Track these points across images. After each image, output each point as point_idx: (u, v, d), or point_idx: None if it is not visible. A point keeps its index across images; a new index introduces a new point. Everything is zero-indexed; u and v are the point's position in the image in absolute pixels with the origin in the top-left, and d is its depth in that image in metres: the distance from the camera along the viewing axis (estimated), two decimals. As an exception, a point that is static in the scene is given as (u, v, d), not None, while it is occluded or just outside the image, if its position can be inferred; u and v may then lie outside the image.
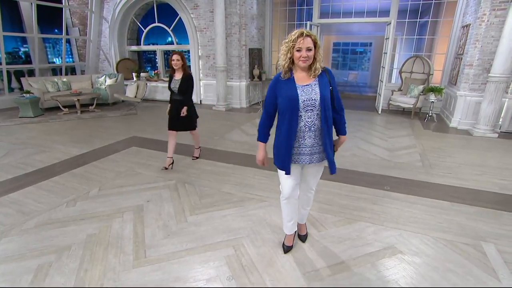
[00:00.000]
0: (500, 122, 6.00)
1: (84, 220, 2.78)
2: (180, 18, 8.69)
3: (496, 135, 5.71)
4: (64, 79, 8.46)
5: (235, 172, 3.96)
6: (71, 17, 10.48)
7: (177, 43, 9.44)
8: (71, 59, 11.44)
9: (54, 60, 12.10)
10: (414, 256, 2.32)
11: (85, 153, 4.66)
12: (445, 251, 2.39)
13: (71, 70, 10.94)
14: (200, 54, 8.71)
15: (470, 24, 6.19)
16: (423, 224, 2.76)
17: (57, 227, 2.66)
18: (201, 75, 8.89)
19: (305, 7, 9.33)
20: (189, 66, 8.97)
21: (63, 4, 9.28)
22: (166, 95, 9.44)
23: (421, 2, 7.97)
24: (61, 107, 7.44)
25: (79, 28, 10.50)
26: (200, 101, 9.14)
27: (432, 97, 6.78)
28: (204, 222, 2.78)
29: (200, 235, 2.59)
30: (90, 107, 7.84)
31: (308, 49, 1.86)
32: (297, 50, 1.87)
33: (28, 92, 7.09)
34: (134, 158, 4.45)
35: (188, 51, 9.06)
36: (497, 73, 5.41)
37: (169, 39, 9.82)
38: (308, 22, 8.02)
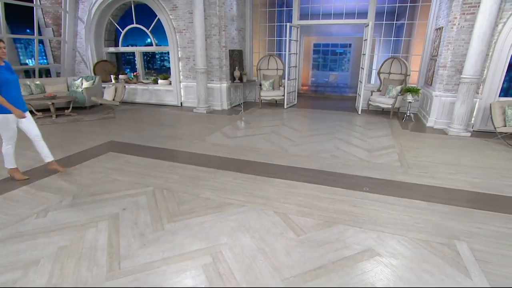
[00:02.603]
0: (472, 122, 6.22)
1: (55, 231, 2.66)
2: (158, 19, 8.54)
3: (469, 134, 5.92)
4: (38, 82, 8.13)
5: (215, 176, 3.91)
6: (43, 17, 10.08)
7: (156, 45, 9.27)
8: (45, 61, 11.01)
9: (27, 61, 11.61)
10: (391, 258, 2.35)
11: (59, 159, 4.46)
12: (421, 252, 2.43)
13: (46, 72, 10.54)
14: (179, 55, 8.58)
15: (442, 27, 6.39)
16: (400, 225, 2.80)
17: (25, 240, 2.52)
18: (181, 77, 8.76)
19: (285, 8, 9.37)
20: (169, 68, 8.86)
21: (34, 3, 8.90)
22: (146, 98, 9.34)
23: (397, 4, 8.16)
24: (34, 112, 7.13)
25: (52, 29, 10.11)
26: (181, 103, 9.01)
27: (409, 97, 6.96)
28: (182, 230, 2.72)
29: (177, 243, 2.53)
30: (65, 111, 7.56)
31: None
32: None
33: (-3, 96, 6.75)
34: (110, 164, 4.31)
35: (168, 53, 8.91)
36: (468, 74, 5.60)
37: (148, 40, 9.63)
38: (288, 23, 8.05)
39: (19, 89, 3.60)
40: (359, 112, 8.05)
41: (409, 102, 7.04)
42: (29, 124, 3.69)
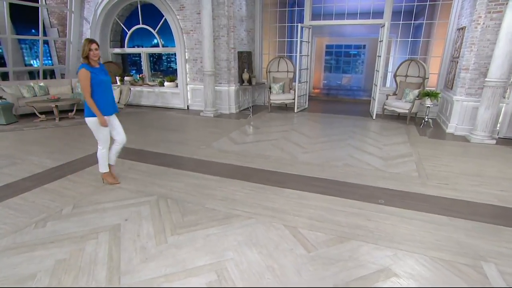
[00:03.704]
0: (497, 128, 6.03)
1: (54, 243, 2.64)
2: (165, 19, 8.60)
3: (494, 141, 5.74)
4: (41, 84, 8.26)
5: (222, 185, 3.86)
6: (49, 17, 10.28)
7: (163, 46, 9.33)
8: (50, 62, 11.22)
9: (32, 62, 11.84)
10: (410, 280, 2.25)
11: (61, 165, 4.51)
12: (443, 273, 2.32)
13: (50, 73, 10.72)
14: (187, 57, 8.62)
15: (465, 27, 6.25)
16: (419, 242, 2.70)
17: (22, 252, 2.51)
18: (188, 79, 8.79)
19: (296, 8, 9.34)
20: (176, 70, 8.90)
21: (40, 3, 9.08)
22: (152, 100, 9.40)
23: (415, 3, 8.03)
24: (37, 114, 7.25)
25: (58, 29, 10.30)
26: (188, 106, 9.03)
27: (428, 102, 6.81)
28: (186, 243, 2.67)
29: (181, 258, 2.48)
30: (69, 113, 7.66)
31: None
32: None
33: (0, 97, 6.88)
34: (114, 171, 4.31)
35: (175, 54, 8.96)
36: (493, 77, 5.44)
37: (155, 41, 9.71)
38: (300, 24, 8.00)
39: (112, 91, 3.73)
40: (374, 117, 7.92)
41: (428, 106, 6.89)
42: (119, 127, 3.86)
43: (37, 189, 3.69)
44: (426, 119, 7.07)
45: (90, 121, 3.53)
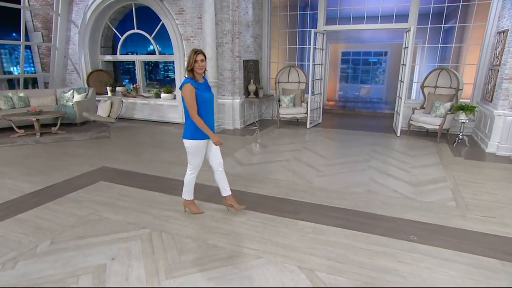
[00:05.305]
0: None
1: (25, 289, 2.53)
2: (163, 24, 8.69)
3: (545, 164, 5.57)
4: (21, 94, 8.32)
5: (225, 216, 3.74)
6: (32, 20, 10.46)
7: (159, 53, 9.42)
8: (32, 69, 11.35)
9: (12, 69, 12.01)
10: None
11: (40, 190, 4.43)
12: (496, 334, 2.15)
13: (33, 82, 10.84)
14: (186, 66, 8.64)
15: (507, 30, 6.16)
16: (464, 292, 2.52)
17: (-13, 301, 2.40)
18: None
19: (308, 11, 9.40)
20: (174, 80, 8.91)
21: (22, 4, 9.24)
22: (147, 114, 9.42)
23: (445, 5, 8.01)
24: (15, 128, 7.25)
25: (42, 33, 10.46)
26: (186, 120, 9.00)
27: (462, 116, 6.67)
28: (183, 290, 2.53)
29: (177, 309, 2.34)
30: (52, 128, 7.64)
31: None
32: None
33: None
34: (101, 197, 4.22)
35: (173, 62, 9.01)
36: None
37: (151, 47, 9.81)
38: (313, 30, 8.01)
39: (213, 109, 3.65)
40: (398, 134, 7.80)
41: (462, 122, 6.75)
42: (216, 149, 3.68)
43: (9, 220, 3.58)
44: (461, 137, 6.92)
45: (190, 144, 3.53)
